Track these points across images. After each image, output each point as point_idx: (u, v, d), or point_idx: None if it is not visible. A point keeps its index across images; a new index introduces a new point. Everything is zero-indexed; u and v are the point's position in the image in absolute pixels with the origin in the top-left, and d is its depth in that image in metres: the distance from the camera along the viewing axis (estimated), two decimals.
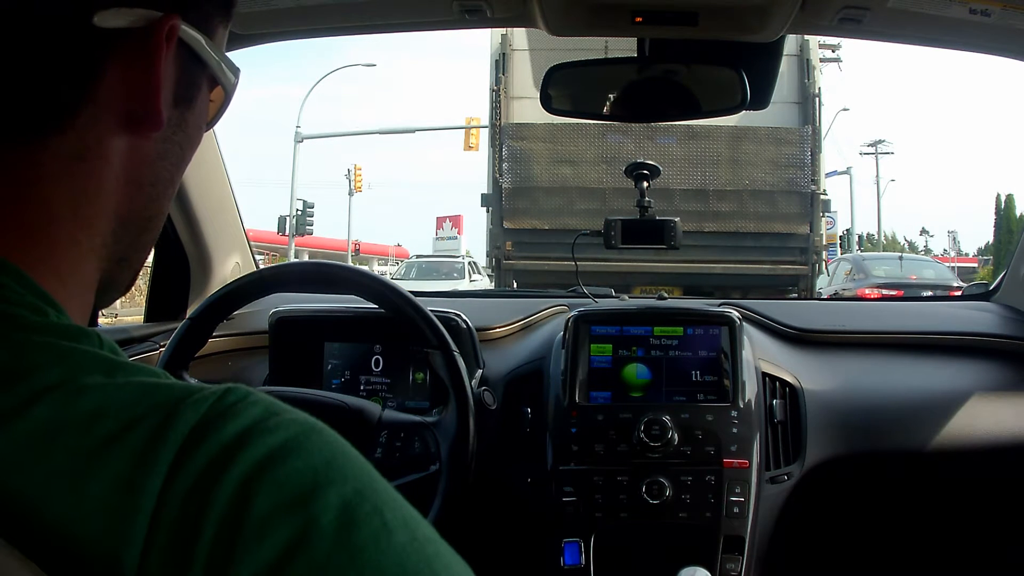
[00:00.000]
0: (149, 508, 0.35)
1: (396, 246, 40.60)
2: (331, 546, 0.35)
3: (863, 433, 1.45)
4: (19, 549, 0.34)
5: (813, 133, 8.46)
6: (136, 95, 0.44)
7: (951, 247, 34.75)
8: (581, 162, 8.36)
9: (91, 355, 0.40)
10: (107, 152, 0.45)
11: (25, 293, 0.42)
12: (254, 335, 1.63)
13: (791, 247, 8.49)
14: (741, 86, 1.37)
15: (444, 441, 1.23)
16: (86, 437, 0.36)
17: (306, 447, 0.38)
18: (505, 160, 8.36)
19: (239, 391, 0.40)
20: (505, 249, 8.37)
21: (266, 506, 0.36)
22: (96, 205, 0.45)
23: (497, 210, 8.45)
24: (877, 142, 35.53)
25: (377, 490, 0.39)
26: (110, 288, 0.50)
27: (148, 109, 0.45)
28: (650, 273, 7.99)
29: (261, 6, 1.27)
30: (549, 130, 8.27)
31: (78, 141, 0.43)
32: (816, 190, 8.39)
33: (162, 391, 0.39)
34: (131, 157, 0.46)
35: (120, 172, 0.46)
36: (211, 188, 1.66)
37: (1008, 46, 1.38)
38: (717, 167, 8.37)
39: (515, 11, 1.31)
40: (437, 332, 1.25)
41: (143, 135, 0.46)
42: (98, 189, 0.45)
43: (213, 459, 0.36)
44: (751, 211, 8.41)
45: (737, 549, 1.30)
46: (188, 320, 1.29)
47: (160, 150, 0.48)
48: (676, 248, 1.54)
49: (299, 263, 1.38)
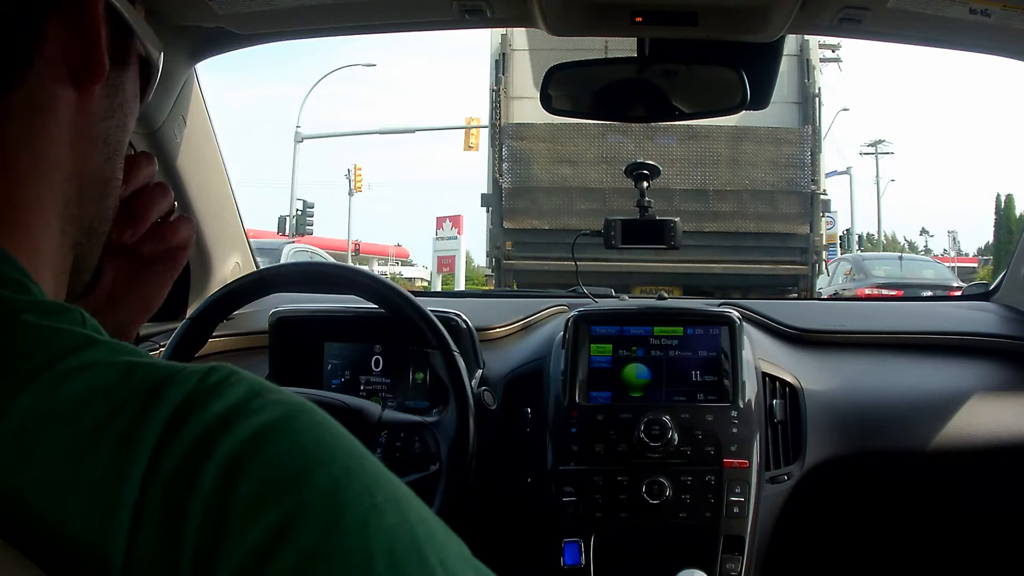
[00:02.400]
0: (132, 496, 0.34)
1: (396, 246, 40.61)
2: (320, 529, 0.34)
3: (863, 433, 1.45)
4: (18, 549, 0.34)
5: (813, 133, 8.45)
6: (78, 46, 0.45)
7: (951, 247, 34.74)
8: (581, 162, 8.35)
9: (74, 334, 0.39)
10: (57, 106, 0.45)
11: (8, 269, 0.41)
12: (254, 335, 1.63)
13: (791, 247, 8.49)
14: (741, 86, 1.37)
15: (444, 441, 1.23)
16: (72, 427, 0.36)
17: (292, 427, 0.37)
18: (505, 160, 8.36)
19: (223, 370, 0.39)
20: (505, 249, 8.38)
21: (252, 489, 0.34)
22: (54, 161, 0.45)
23: (497, 210, 8.45)
24: (877, 142, 35.55)
25: (367, 469, 0.38)
26: (80, 267, 0.50)
27: (89, 59, 0.45)
28: (650, 273, 7.99)
29: (261, 6, 1.27)
30: (549, 130, 8.27)
31: (31, 97, 0.44)
32: (816, 190, 8.38)
33: (145, 371, 0.38)
34: (79, 112, 0.46)
35: (71, 127, 0.46)
36: (211, 188, 1.66)
37: (1008, 46, 1.38)
38: (717, 167, 8.36)
39: (515, 11, 1.30)
40: (437, 332, 1.25)
41: (87, 88, 0.46)
42: (52, 143, 0.45)
43: (196, 442, 0.35)
44: (751, 211, 8.40)
45: (737, 549, 1.30)
46: (188, 320, 1.29)
47: (104, 107, 0.48)
48: (676, 248, 1.55)
49: (299, 263, 1.38)
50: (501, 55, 8.45)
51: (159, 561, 0.34)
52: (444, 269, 26.52)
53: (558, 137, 8.30)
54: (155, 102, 1.40)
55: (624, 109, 1.51)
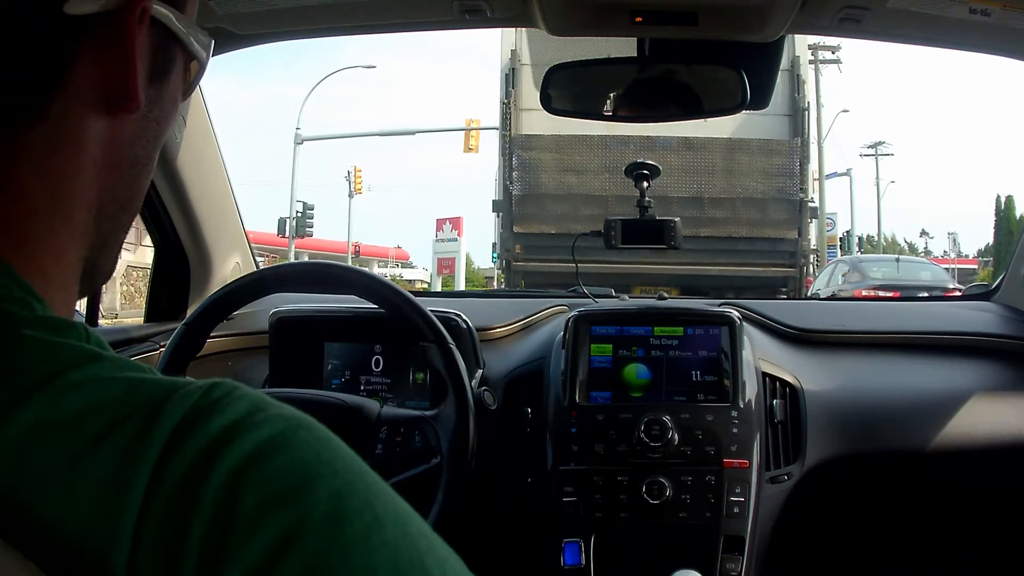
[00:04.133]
0: (136, 508, 0.35)
1: (396, 248, 40.56)
2: (322, 542, 0.35)
3: (863, 433, 1.44)
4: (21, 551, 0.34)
5: (802, 144, 9.08)
6: (111, 79, 0.43)
7: (951, 248, 34.70)
8: (585, 171, 8.86)
9: (77, 349, 0.39)
10: (83, 140, 0.44)
11: (12, 287, 0.41)
12: (254, 335, 1.63)
13: (780, 251, 9.07)
14: (741, 86, 1.36)
15: (444, 433, 1.23)
16: (74, 438, 0.36)
17: (293, 442, 0.37)
18: (515, 169, 8.93)
19: (225, 385, 0.39)
20: (515, 252, 8.92)
21: (254, 503, 0.35)
22: (75, 195, 0.44)
23: (507, 215, 9.02)
24: (877, 143, 35.48)
25: (368, 484, 0.38)
26: (94, 273, 0.49)
27: (124, 92, 0.44)
28: (648, 274, 8.37)
29: (261, 6, 1.27)
30: (556, 141, 8.85)
31: (53, 132, 0.42)
32: (804, 198, 9.05)
33: (148, 387, 0.38)
34: (108, 141, 0.45)
35: (98, 158, 0.45)
36: (211, 188, 1.66)
37: (1008, 46, 1.38)
38: (712, 176, 8.93)
39: (515, 11, 1.30)
40: (432, 326, 1.25)
41: (119, 117, 0.45)
42: (75, 179, 0.44)
43: (199, 455, 0.36)
44: (743, 217, 8.98)
45: (737, 549, 1.30)
46: (188, 320, 1.29)
47: (137, 129, 0.47)
48: (676, 248, 1.54)
49: (299, 263, 1.38)
50: (511, 70, 9.04)
51: (162, 570, 0.34)
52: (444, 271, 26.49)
53: (564, 148, 8.87)
54: None
55: (624, 109, 1.51)
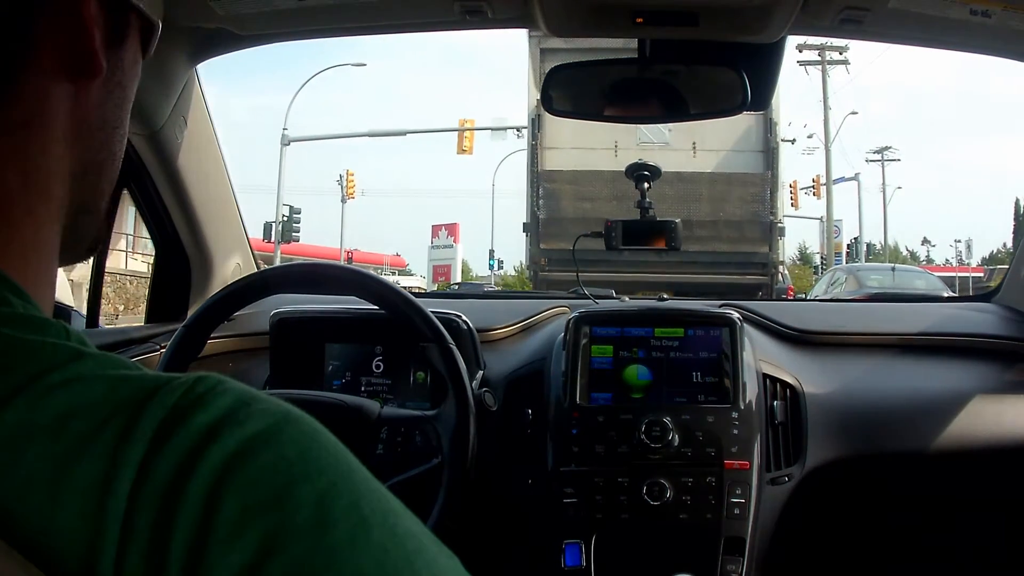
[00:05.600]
0: (119, 513, 0.34)
1: (395, 255, 40.34)
2: (306, 547, 0.34)
3: (864, 434, 1.44)
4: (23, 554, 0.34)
5: (772, 177, 11.19)
6: (71, 47, 0.43)
7: (955, 257, 34.49)
8: (597, 199, 10.61)
9: (59, 348, 0.39)
10: (50, 112, 0.44)
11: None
12: (255, 336, 1.62)
13: (755, 263, 11.24)
14: (742, 87, 1.37)
15: (445, 432, 1.22)
16: (56, 442, 0.35)
17: (278, 439, 0.36)
18: (541, 198, 11.18)
19: (209, 380, 0.38)
20: (541, 264, 10.93)
21: (237, 507, 0.34)
22: (49, 168, 0.44)
23: (535, 235, 11.11)
24: (883, 149, 35.13)
25: (355, 482, 0.37)
26: (76, 240, 0.49)
27: (86, 57, 0.44)
28: (643, 282, 9.66)
29: (260, 7, 1.27)
30: (573, 175, 11.05)
31: (21, 108, 0.42)
32: (774, 220, 11.19)
33: (132, 385, 0.37)
34: (76, 109, 0.45)
35: (68, 127, 0.45)
36: (212, 189, 1.66)
37: (1009, 47, 1.38)
38: (699, 203, 10.95)
39: (516, 12, 1.30)
40: (432, 326, 1.25)
41: (83, 85, 0.45)
42: (47, 153, 0.44)
43: (183, 456, 0.35)
44: (724, 236, 11.04)
45: (738, 550, 1.29)
46: (188, 321, 1.29)
47: (103, 94, 0.47)
48: (677, 248, 1.55)
49: (299, 264, 1.38)
50: (537, 115, 11.13)
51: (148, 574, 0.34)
52: (440, 278, 26.33)
53: (580, 180, 10.95)
54: (156, 103, 1.40)
55: (625, 110, 1.52)
